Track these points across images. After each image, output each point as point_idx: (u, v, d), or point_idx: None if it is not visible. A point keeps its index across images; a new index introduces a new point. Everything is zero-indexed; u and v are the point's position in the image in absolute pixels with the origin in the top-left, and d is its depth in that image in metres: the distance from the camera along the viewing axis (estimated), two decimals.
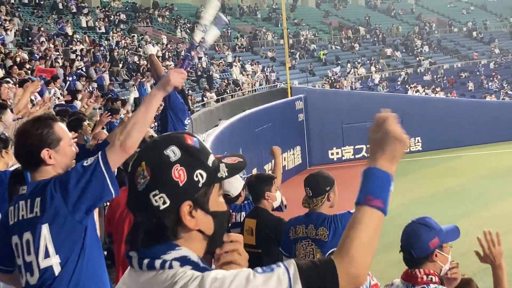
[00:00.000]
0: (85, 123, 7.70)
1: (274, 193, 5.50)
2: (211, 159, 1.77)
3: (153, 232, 1.72)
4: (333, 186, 4.83)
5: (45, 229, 2.99)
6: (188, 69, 3.72)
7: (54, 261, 3.01)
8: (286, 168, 23.88)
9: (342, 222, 4.66)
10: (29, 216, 3.04)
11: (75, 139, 6.64)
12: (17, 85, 10.07)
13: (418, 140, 29.30)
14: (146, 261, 1.71)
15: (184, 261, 1.70)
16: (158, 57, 28.57)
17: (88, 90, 17.97)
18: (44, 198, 2.99)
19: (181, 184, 1.70)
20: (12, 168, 5.29)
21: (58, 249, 3.00)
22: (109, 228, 5.58)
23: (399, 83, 43.02)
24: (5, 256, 3.19)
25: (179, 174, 1.70)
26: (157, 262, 1.70)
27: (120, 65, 27.22)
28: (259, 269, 1.67)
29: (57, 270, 3.01)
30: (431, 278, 3.36)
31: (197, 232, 1.75)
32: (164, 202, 1.70)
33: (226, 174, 1.77)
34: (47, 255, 3.01)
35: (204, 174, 1.73)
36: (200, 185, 1.72)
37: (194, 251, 1.75)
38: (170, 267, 1.69)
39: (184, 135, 1.79)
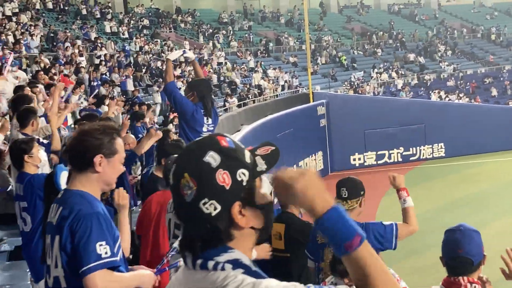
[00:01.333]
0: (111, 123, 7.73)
1: None
2: (247, 155, 1.79)
3: (208, 238, 1.75)
4: (365, 194, 4.84)
5: (57, 240, 3.04)
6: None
7: (60, 274, 3.03)
8: None
9: (374, 232, 4.64)
10: (52, 220, 3.11)
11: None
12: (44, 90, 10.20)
13: (441, 146, 29.10)
14: (199, 261, 1.75)
15: (236, 264, 1.73)
16: (182, 62, 28.82)
17: (112, 95, 18.13)
18: (64, 220, 3.02)
19: (227, 188, 1.72)
20: (46, 171, 5.43)
21: (64, 263, 3.01)
22: (140, 230, 5.66)
23: (422, 88, 42.79)
24: None
25: (223, 178, 1.72)
26: (210, 263, 1.73)
27: (144, 70, 27.39)
28: (311, 286, 1.70)
29: (63, 283, 3.03)
30: (475, 286, 3.31)
31: (249, 229, 1.77)
32: (215, 208, 1.72)
33: (265, 167, 1.80)
34: (56, 265, 3.05)
35: (246, 172, 1.75)
36: (244, 183, 1.74)
37: (246, 248, 1.78)
38: (223, 269, 1.72)
39: (217, 137, 1.80)
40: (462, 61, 49.74)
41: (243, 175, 1.74)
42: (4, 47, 21.42)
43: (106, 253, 2.93)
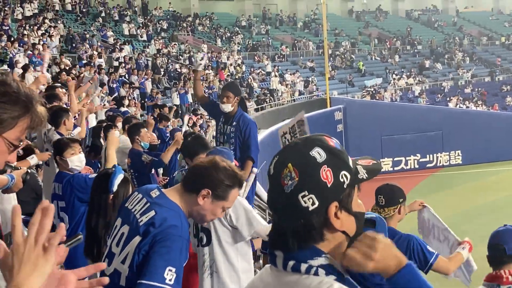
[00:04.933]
0: (144, 129, 7.80)
1: None
2: (350, 160, 1.77)
3: (300, 234, 1.72)
4: (405, 201, 4.73)
5: (137, 240, 3.02)
6: None
7: (124, 271, 3.06)
8: None
9: (414, 249, 4.53)
10: (137, 216, 3.09)
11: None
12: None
13: (458, 153, 29.02)
14: (291, 262, 1.72)
15: (330, 270, 1.71)
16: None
17: (132, 96, 18.23)
18: (152, 228, 3.01)
19: (329, 185, 1.70)
20: (91, 175, 5.46)
21: (134, 264, 3.02)
22: None
23: (439, 95, 42.64)
24: None
25: (326, 175, 1.70)
26: (303, 266, 1.71)
27: (162, 73, 27.50)
28: None
29: (122, 280, 3.06)
30: None
31: (341, 234, 1.75)
32: (313, 203, 1.70)
33: (366, 176, 1.77)
34: (123, 261, 3.06)
35: (348, 175, 1.73)
36: (345, 186, 1.72)
37: (337, 254, 1.75)
38: (316, 273, 1.69)
39: (325, 137, 1.79)
40: (480, 68, 49.51)
41: (345, 177, 1.72)
42: (38, 45, 21.64)
43: (170, 280, 2.91)
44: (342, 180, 1.72)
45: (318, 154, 1.73)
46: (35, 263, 1.51)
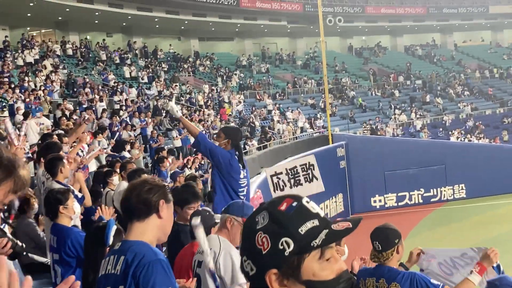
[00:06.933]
0: (144, 175, 7.76)
1: (342, 247, 5.45)
2: (307, 226, 1.66)
3: None
4: (401, 239, 4.76)
5: None
6: None
7: None
8: (329, 216, 23.69)
9: (419, 286, 4.51)
10: (112, 271, 3.08)
11: None
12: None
13: (462, 187, 28.86)
14: None
15: None
16: (202, 105, 29.00)
17: (134, 140, 18.24)
18: (128, 267, 2.98)
19: (264, 252, 1.65)
20: (77, 223, 5.41)
21: None
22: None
23: (440, 129, 42.69)
24: None
25: (262, 241, 1.65)
26: None
27: (163, 114, 27.60)
28: None
29: None
30: None
31: None
32: (252, 269, 1.67)
33: (319, 243, 1.66)
34: None
35: (291, 243, 1.64)
36: (286, 253, 1.64)
37: None
38: None
39: (285, 199, 1.72)
40: (480, 102, 49.65)
41: (285, 244, 1.64)
42: (39, 90, 21.74)
43: None
44: (281, 247, 1.64)
45: (262, 219, 1.68)
46: None
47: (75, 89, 27.53)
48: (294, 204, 1.70)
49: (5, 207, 6.55)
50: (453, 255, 5.22)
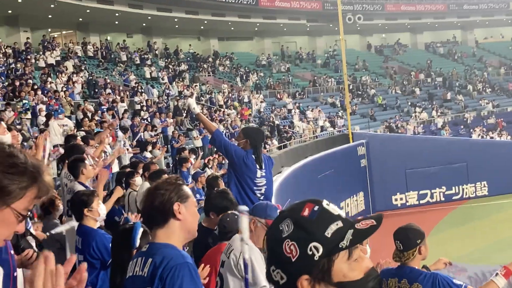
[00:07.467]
0: (165, 175, 7.83)
1: (364, 246, 5.46)
2: (332, 228, 1.68)
3: None
4: (424, 239, 4.75)
5: None
6: None
7: None
8: (350, 214, 23.67)
9: (442, 286, 4.53)
10: (140, 273, 3.12)
11: None
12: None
13: (484, 184, 28.69)
14: None
15: None
16: (222, 105, 29.01)
17: (156, 140, 18.35)
18: (156, 269, 3.02)
19: (293, 260, 1.66)
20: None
21: None
22: None
23: (462, 127, 42.38)
24: None
25: (290, 249, 1.66)
26: None
27: (184, 115, 27.72)
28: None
29: None
30: None
31: None
32: (282, 278, 1.68)
33: (348, 244, 1.68)
34: None
35: (320, 247, 1.66)
36: (316, 258, 1.66)
37: None
38: None
39: (306, 204, 1.73)
40: (502, 98, 49.20)
41: (315, 249, 1.66)
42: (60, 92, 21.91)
43: None
44: (311, 252, 1.66)
45: (286, 227, 1.70)
46: None
47: (96, 90, 27.74)
48: (316, 208, 1.72)
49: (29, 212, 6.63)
50: (485, 270, 5.22)
